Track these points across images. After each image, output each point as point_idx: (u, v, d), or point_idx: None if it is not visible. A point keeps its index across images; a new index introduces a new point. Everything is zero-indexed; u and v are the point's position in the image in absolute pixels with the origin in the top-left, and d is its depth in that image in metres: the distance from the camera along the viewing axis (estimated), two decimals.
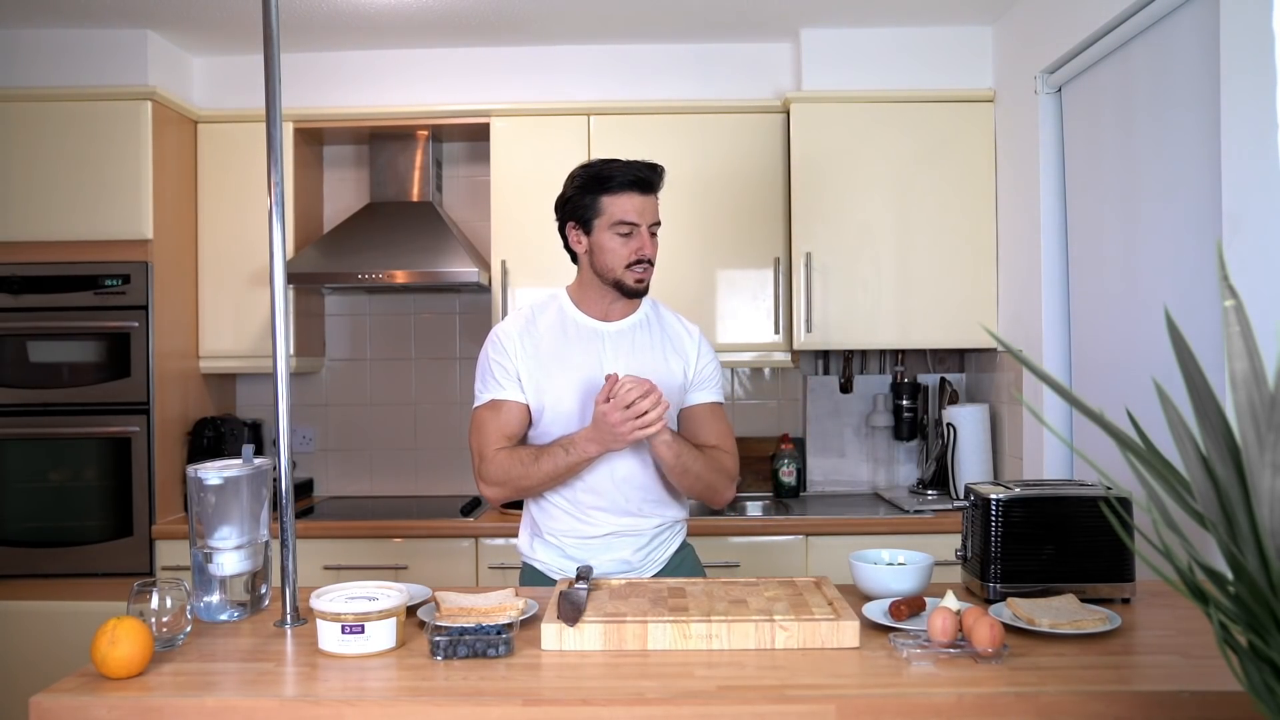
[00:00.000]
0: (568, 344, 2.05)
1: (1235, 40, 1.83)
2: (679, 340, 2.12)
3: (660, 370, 2.05)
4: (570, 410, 2.01)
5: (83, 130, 3.05)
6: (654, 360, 2.06)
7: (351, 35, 3.21)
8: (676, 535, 2.15)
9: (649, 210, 2.00)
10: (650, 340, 2.09)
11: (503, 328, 2.08)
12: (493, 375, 2.04)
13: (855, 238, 3.18)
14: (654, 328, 2.11)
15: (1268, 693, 0.88)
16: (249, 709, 1.32)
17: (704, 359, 2.12)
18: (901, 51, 3.20)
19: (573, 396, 2.01)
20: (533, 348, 2.04)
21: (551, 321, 2.08)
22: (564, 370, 2.02)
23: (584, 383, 2.01)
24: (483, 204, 3.47)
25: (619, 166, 2.00)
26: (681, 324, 2.16)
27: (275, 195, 1.70)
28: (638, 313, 2.11)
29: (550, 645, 1.50)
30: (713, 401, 2.13)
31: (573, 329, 2.07)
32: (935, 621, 1.46)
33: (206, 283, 3.32)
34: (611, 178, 1.98)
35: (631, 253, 1.99)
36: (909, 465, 3.56)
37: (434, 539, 3.04)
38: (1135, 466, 0.93)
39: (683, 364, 2.10)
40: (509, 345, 2.04)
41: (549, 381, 2.02)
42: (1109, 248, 2.49)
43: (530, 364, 2.02)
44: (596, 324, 2.07)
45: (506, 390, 2.03)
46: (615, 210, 1.98)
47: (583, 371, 2.02)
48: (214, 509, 1.70)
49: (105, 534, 3.04)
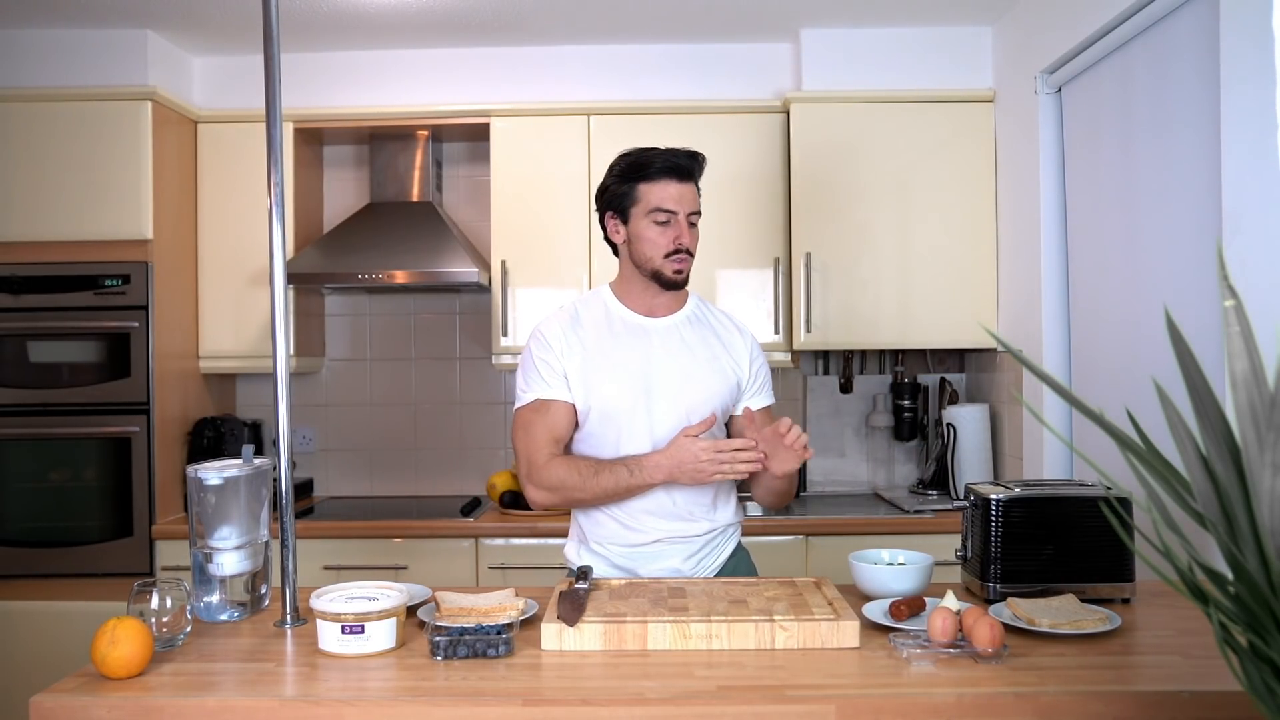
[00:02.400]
0: (615, 341, 1.97)
1: (1235, 40, 1.83)
2: (730, 340, 2.04)
3: (710, 370, 1.98)
4: (619, 410, 1.93)
5: (83, 130, 3.05)
6: (704, 359, 1.99)
7: (351, 35, 3.21)
8: (730, 540, 2.05)
9: (687, 198, 1.94)
10: (700, 338, 2.01)
11: (547, 325, 2.00)
12: (538, 373, 1.95)
13: (855, 238, 3.18)
14: (703, 325, 2.04)
15: (1268, 693, 0.88)
16: (249, 709, 1.32)
17: (756, 362, 2.06)
18: (901, 51, 3.20)
19: (621, 397, 1.93)
20: (579, 345, 1.96)
21: (597, 318, 2.00)
22: (612, 368, 1.95)
23: (632, 381, 1.94)
24: (483, 204, 3.47)
25: (657, 154, 1.94)
26: (732, 323, 2.09)
27: (275, 195, 1.70)
28: (685, 309, 2.05)
29: (550, 645, 1.50)
30: (767, 405, 2.07)
31: (619, 325, 1.99)
32: (935, 622, 1.46)
33: (206, 283, 3.32)
34: (649, 164, 1.93)
35: (669, 241, 1.93)
36: (909, 465, 3.56)
37: (434, 539, 3.04)
38: (1135, 466, 0.93)
39: (734, 365, 2.02)
40: (555, 343, 1.96)
41: (597, 380, 1.93)
42: (1109, 248, 2.49)
43: (578, 362, 1.94)
44: (643, 320, 2.00)
45: (553, 389, 1.94)
46: (652, 198, 1.93)
47: (630, 369, 1.95)
48: (214, 509, 1.70)
49: (105, 534, 3.04)
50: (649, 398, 1.94)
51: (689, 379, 1.96)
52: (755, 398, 2.05)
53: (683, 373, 1.96)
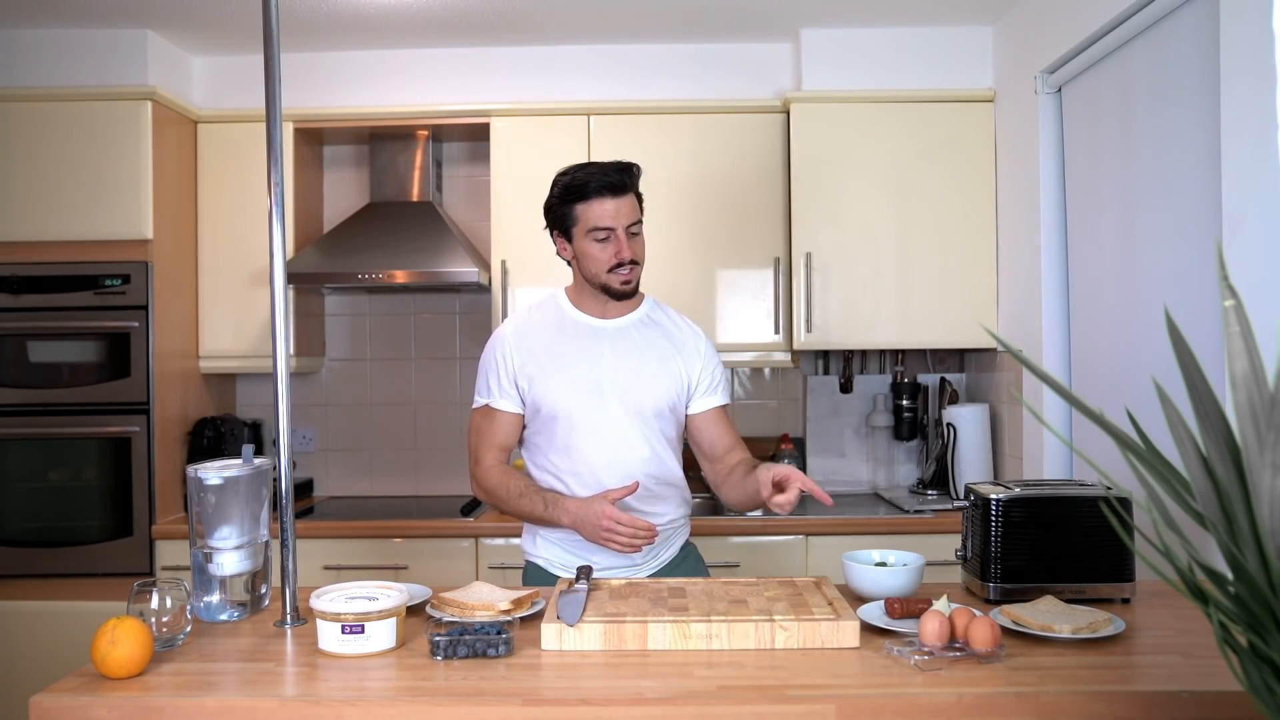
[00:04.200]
0: (565, 342, 2.06)
1: (1235, 40, 1.83)
2: (682, 342, 2.12)
3: (659, 371, 2.06)
4: (568, 409, 2.02)
5: (83, 130, 3.04)
6: (655, 359, 2.07)
7: (351, 35, 3.21)
8: (679, 533, 2.16)
9: (624, 212, 2.00)
10: (651, 339, 2.09)
11: (501, 330, 2.12)
12: (488, 379, 2.08)
13: (855, 238, 3.18)
14: (655, 327, 2.12)
15: (1268, 693, 0.88)
16: (249, 709, 1.32)
17: (710, 362, 2.13)
18: (901, 51, 3.20)
19: (568, 395, 2.02)
20: (528, 347, 2.06)
21: (549, 320, 2.10)
22: (560, 368, 2.03)
23: (580, 381, 2.02)
24: (483, 204, 3.47)
25: (590, 172, 2.00)
26: (686, 325, 2.16)
27: (275, 195, 1.70)
28: (638, 311, 2.12)
29: (550, 645, 1.50)
30: (722, 405, 2.15)
31: (570, 327, 2.08)
32: (927, 626, 1.45)
33: (206, 283, 3.32)
34: (583, 185, 1.99)
35: (611, 257, 2.00)
36: (909, 465, 3.56)
37: (434, 539, 3.03)
38: (1135, 466, 0.93)
39: (684, 366, 2.10)
40: (505, 348, 2.07)
41: (544, 380, 2.03)
42: (1109, 247, 2.49)
43: (526, 363, 2.04)
44: (596, 321, 2.09)
45: (499, 399, 2.07)
46: (590, 217, 1.99)
47: (579, 369, 2.03)
48: (214, 509, 1.70)
49: (105, 534, 3.04)
50: (600, 397, 2.02)
51: (638, 378, 2.04)
52: (711, 397, 2.13)
53: (632, 372, 2.04)
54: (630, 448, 2.03)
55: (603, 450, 2.02)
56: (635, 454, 2.03)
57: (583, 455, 2.03)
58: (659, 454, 2.07)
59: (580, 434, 2.03)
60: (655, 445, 2.06)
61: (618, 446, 2.03)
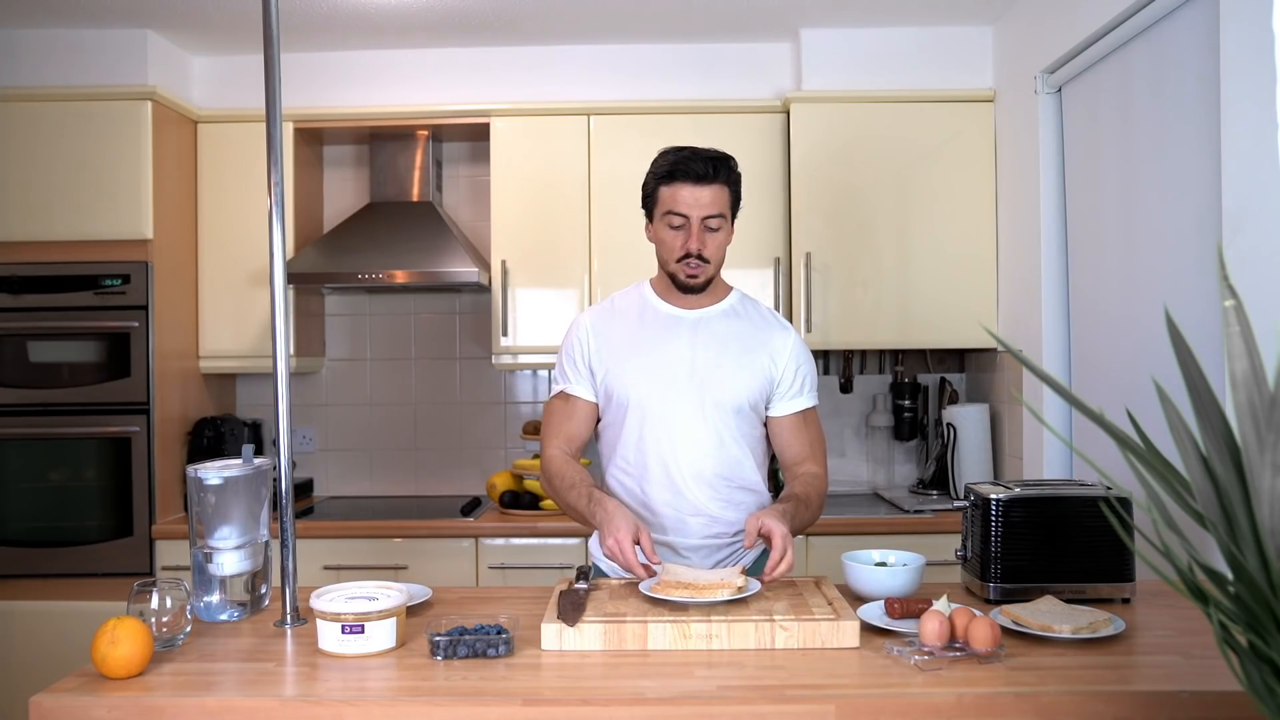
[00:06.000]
0: (643, 329, 2.01)
1: (1235, 40, 1.83)
2: (770, 338, 2.02)
3: (741, 365, 1.97)
4: (638, 397, 1.96)
5: (83, 130, 3.05)
6: (736, 352, 1.98)
7: (351, 35, 3.21)
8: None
9: (704, 202, 1.90)
10: (736, 331, 2.01)
11: (582, 315, 2.08)
12: (564, 366, 2.05)
13: (855, 238, 3.18)
14: (741, 319, 2.03)
15: (1268, 693, 0.88)
16: (249, 709, 1.32)
17: (796, 360, 2.03)
18: (901, 51, 3.20)
19: (641, 383, 1.96)
20: (606, 334, 2.02)
21: (630, 307, 2.05)
22: (636, 356, 1.98)
23: (655, 370, 1.96)
24: (483, 204, 3.47)
25: (681, 155, 1.93)
26: (775, 320, 2.07)
27: (275, 195, 1.70)
28: (723, 302, 2.04)
29: (550, 645, 1.50)
30: (807, 409, 2.05)
31: (650, 315, 2.02)
32: (927, 626, 1.45)
33: (206, 283, 3.32)
34: (669, 167, 1.93)
35: (680, 246, 1.92)
36: (909, 465, 3.56)
37: (434, 539, 3.03)
38: (1135, 466, 0.93)
39: (769, 362, 2.00)
40: (583, 334, 2.03)
41: (618, 366, 1.98)
42: (1109, 248, 2.49)
43: (602, 349, 2.00)
44: (677, 310, 2.02)
45: (575, 385, 2.03)
46: (667, 200, 1.93)
47: (654, 358, 1.97)
48: (214, 509, 1.70)
49: (105, 534, 3.04)
50: (674, 387, 1.95)
51: (717, 370, 1.96)
52: (796, 400, 2.03)
53: (712, 364, 1.96)
54: (699, 443, 1.95)
55: (673, 444, 1.94)
56: (705, 450, 1.95)
57: (655, 450, 1.95)
58: (732, 453, 1.97)
59: (651, 426, 1.95)
60: (729, 444, 1.97)
61: (688, 441, 1.94)
